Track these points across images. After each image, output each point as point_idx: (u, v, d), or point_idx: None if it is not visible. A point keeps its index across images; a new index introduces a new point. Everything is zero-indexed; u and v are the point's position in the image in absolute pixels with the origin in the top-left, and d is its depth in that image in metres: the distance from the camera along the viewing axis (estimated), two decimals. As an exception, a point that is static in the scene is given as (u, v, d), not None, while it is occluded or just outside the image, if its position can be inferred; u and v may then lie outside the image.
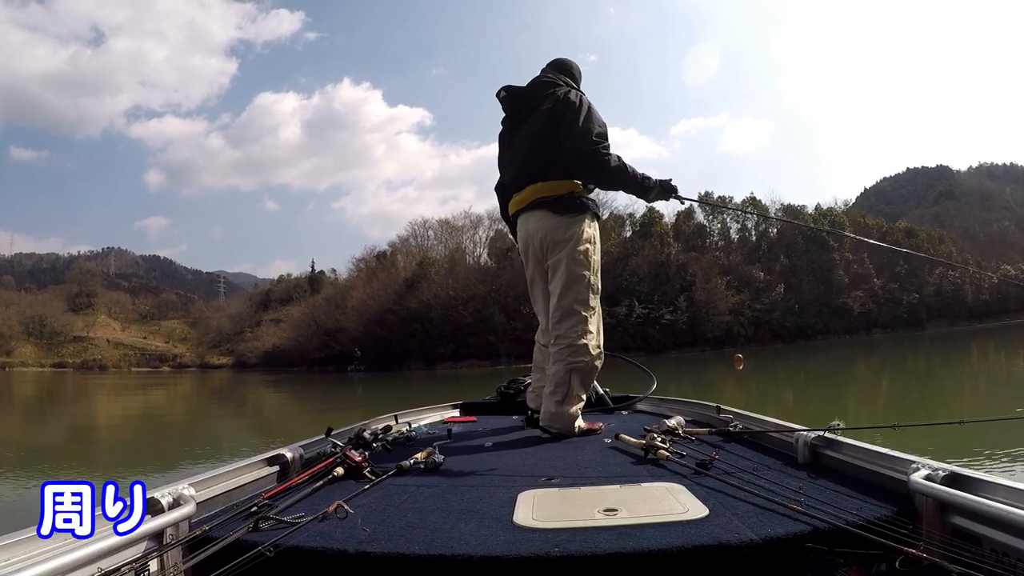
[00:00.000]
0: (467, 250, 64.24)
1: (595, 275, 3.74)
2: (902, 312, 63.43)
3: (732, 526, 1.79)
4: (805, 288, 59.79)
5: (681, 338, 54.14)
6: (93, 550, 1.55)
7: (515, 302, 53.71)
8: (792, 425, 2.83)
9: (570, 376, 3.60)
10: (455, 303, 54.76)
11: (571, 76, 3.98)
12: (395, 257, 65.35)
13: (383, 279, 60.70)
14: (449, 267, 59.92)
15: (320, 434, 3.15)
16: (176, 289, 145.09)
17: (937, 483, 1.81)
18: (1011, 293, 74.71)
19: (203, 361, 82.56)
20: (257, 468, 2.56)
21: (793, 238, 62.09)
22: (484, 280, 56.93)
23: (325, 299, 68.83)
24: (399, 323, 55.19)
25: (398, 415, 4.24)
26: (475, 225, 65.14)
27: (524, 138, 3.84)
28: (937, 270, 68.37)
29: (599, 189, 3.92)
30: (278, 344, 70.01)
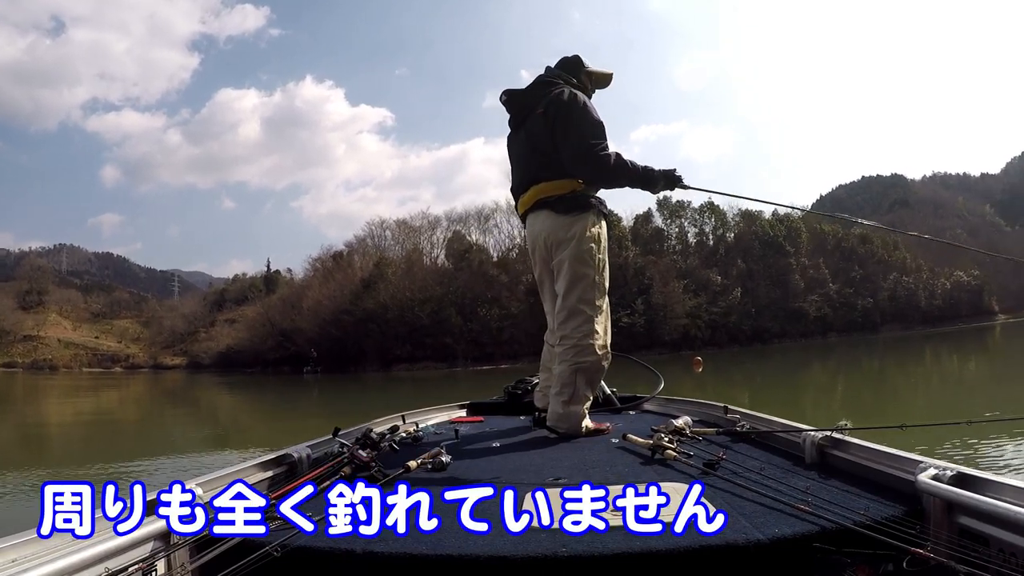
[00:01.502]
0: (424, 251, 63.82)
1: (601, 274, 3.69)
2: (857, 316, 64.56)
3: (739, 526, 1.80)
4: (762, 292, 60.41)
5: (638, 341, 53.77)
6: (100, 550, 1.55)
7: (472, 304, 53.91)
8: (799, 425, 2.83)
9: (576, 376, 3.57)
10: (412, 304, 54.23)
11: (573, 73, 3.88)
12: (352, 257, 64.70)
13: (339, 279, 60.05)
14: (406, 268, 59.39)
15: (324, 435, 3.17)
16: (129, 288, 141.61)
17: (944, 483, 1.80)
18: (963, 299, 76.71)
19: (156, 362, 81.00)
20: (265, 468, 2.55)
21: (750, 243, 62.74)
22: (441, 282, 56.52)
23: (280, 299, 67.98)
24: (355, 324, 54.62)
25: (405, 415, 4.28)
26: (433, 226, 64.91)
27: (524, 141, 3.84)
28: (891, 275, 69.59)
29: (603, 188, 3.81)
30: (232, 345, 69.05)
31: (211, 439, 15.93)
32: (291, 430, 17.02)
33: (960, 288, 77.51)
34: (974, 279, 79.86)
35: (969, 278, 79.33)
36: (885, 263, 71.48)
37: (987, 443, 8.07)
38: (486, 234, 64.10)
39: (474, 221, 64.39)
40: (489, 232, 64.05)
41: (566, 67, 3.91)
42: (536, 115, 3.71)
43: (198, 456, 12.07)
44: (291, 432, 16.38)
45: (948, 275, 77.82)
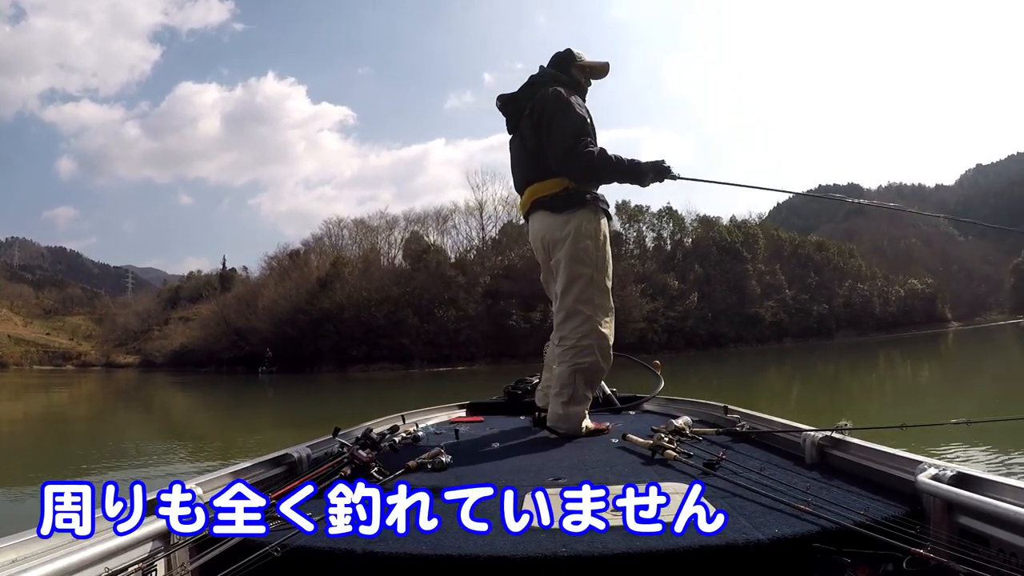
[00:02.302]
0: (382, 251, 63.38)
1: (600, 271, 3.61)
2: (812, 322, 65.47)
3: (739, 526, 1.79)
4: (718, 297, 60.89)
5: (596, 344, 54.19)
6: (100, 550, 1.54)
7: (429, 305, 53.48)
8: (799, 425, 2.81)
9: (575, 377, 3.53)
10: (368, 304, 53.74)
11: (563, 69, 3.86)
12: (308, 256, 64.02)
13: (296, 278, 59.29)
14: (363, 268, 58.86)
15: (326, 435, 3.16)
16: (82, 284, 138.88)
17: (944, 483, 1.79)
18: (917, 306, 78.26)
19: (108, 360, 79.83)
20: (264, 468, 2.53)
21: (708, 248, 63.23)
22: (398, 282, 56.04)
23: (236, 298, 67.06)
24: (311, 323, 53.99)
25: (405, 415, 4.26)
26: (391, 226, 64.46)
27: (518, 144, 3.86)
28: (847, 282, 70.64)
29: (591, 185, 3.74)
30: (186, 343, 67.96)
31: (162, 443, 15.34)
32: (247, 429, 16.65)
33: (914, 296, 79.16)
34: (928, 287, 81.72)
35: (923, 286, 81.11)
36: (841, 270, 72.65)
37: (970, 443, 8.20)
38: (444, 235, 64.03)
39: (432, 222, 64.26)
40: (447, 233, 63.99)
41: (557, 64, 3.89)
42: (524, 117, 3.73)
43: (143, 468, 11.53)
44: (247, 432, 16.24)
45: (902, 283, 79.49)
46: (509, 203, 62.79)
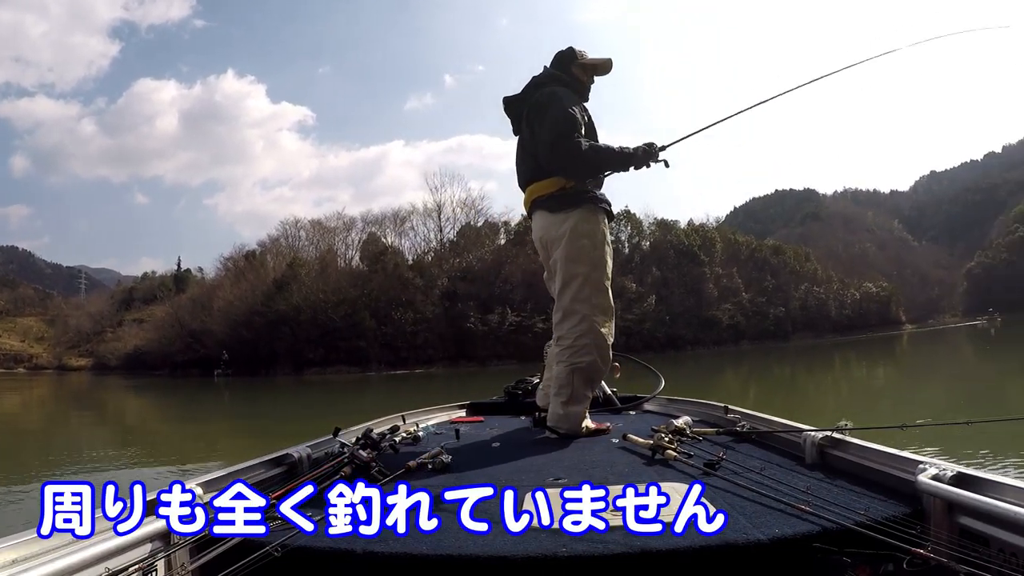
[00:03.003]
0: (339, 252, 63.05)
1: (597, 270, 3.61)
2: (769, 325, 66.18)
3: (740, 526, 1.78)
4: (676, 300, 61.25)
5: (554, 346, 54.27)
6: (100, 550, 1.54)
7: (386, 307, 53.12)
8: (800, 425, 2.80)
9: (573, 377, 3.51)
10: (325, 306, 53.32)
11: (563, 68, 3.84)
12: (264, 257, 63.35)
13: (251, 279, 58.67)
14: (320, 269, 58.40)
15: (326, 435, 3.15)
16: (34, 284, 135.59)
17: (944, 483, 1.78)
18: (872, 309, 79.75)
19: (61, 362, 78.57)
20: (265, 468, 2.53)
21: (665, 252, 63.72)
22: (355, 284, 55.73)
23: (191, 299, 66.15)
24: (267, 325, 53.42)
25: (405, 415, 4.24)
26: (348, 227, 64.13)
27: (518, 145, 3.86)
28: (803, 286, 71.57)
29: (584, 179, 3.67)
30: (140, 346, 66.91)
31: (116, 450, 14.88)
32: (202, 436, 16.26)
33: (869, 299, 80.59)
34: (882, 290, 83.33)
35: (878, 289, 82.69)
36: (797, 274, 73.63)
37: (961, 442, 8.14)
38: (402, 237, 63.80)
39: (390, 223, 63.99)
40: (405, 235, 63.79)
41: (557, 63, 3.87)
42: (524, 118, 3.75)
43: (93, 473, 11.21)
44: (205, 439, 15.84)
45: (858, 286, 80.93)
46: (467, 205, 63.02)
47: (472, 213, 63.58)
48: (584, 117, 3.62)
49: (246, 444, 13.10)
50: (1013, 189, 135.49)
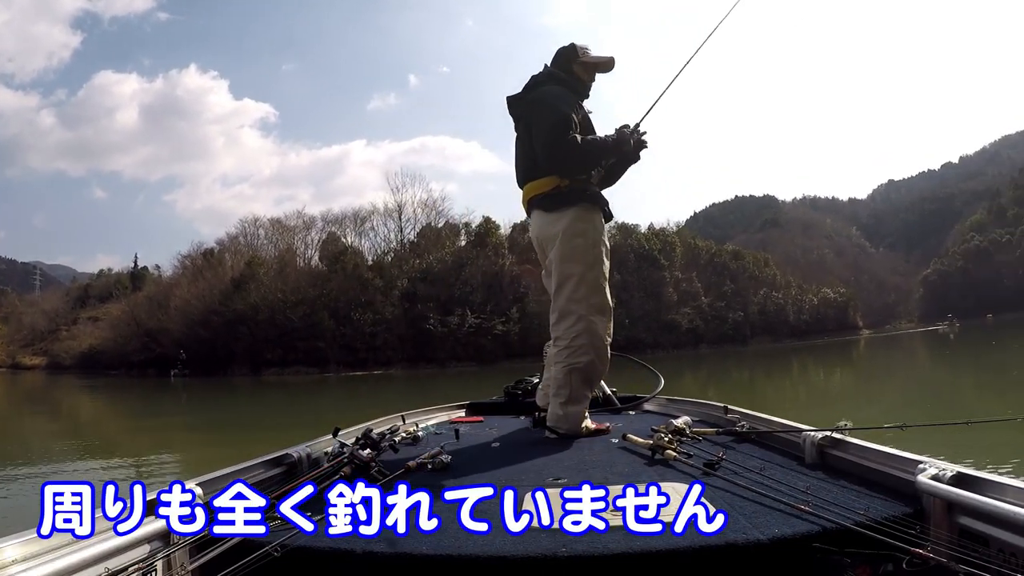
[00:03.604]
0: (298, 252, 62.58)
1: (593, 269, 3.57)
2: (728, 329, 66.79)
3: (740, 526, 1.79)
4: (636, 304, 61.40)
5: (513, 349, 54.03)
6: (100, 550, 1.54)
7: (345, 308, 52.83)
8: (799, 425, 2.79)
9: (570, 377, 3.50)
10: (283, 306, 52.87)
11: (563, 66, 3.81)
12: (223, 255, 62.60)
13: (209, 278, 58.01)
14: (279, 268, 57.91)
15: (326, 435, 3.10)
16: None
17: (944, 483, 1.78)
18: (830, 314, 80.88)
19: (14, 361, 77.55)
20: (264, 468, 2.52)
21: (625, 255, 63.81)
22: (314, 284, 55.29)
23: (147, 297, 65.36)
24: (224, 325, 52.92)
25: (405, 415, 4.26)
26: (308, 226, 63.68)
27: (517, 142, 3.85)
28: (762, 290, 72.38)
29: (581, 174, 3.65)
30: (96, 345, 66.33)
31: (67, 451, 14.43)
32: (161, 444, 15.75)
33: (827, 304, 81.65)
34: (840, 296, 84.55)
35: (835, 295, 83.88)
36: (756, 279, 74.38)
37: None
38: (362, 237, 63.57)
39: (350, 223, 63.73)
40: (365, 235, 63.56)
41: (557, 61, 3.85)
42: (520, 117, 3.76)
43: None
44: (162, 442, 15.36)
45: (816, 292, 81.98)
46: (428, 206, 62.90)
47: (433, 214, 63.61)
48: (579, 115, 3.60)
49: (211, 452, 12.68)
50: (969, 199, 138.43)
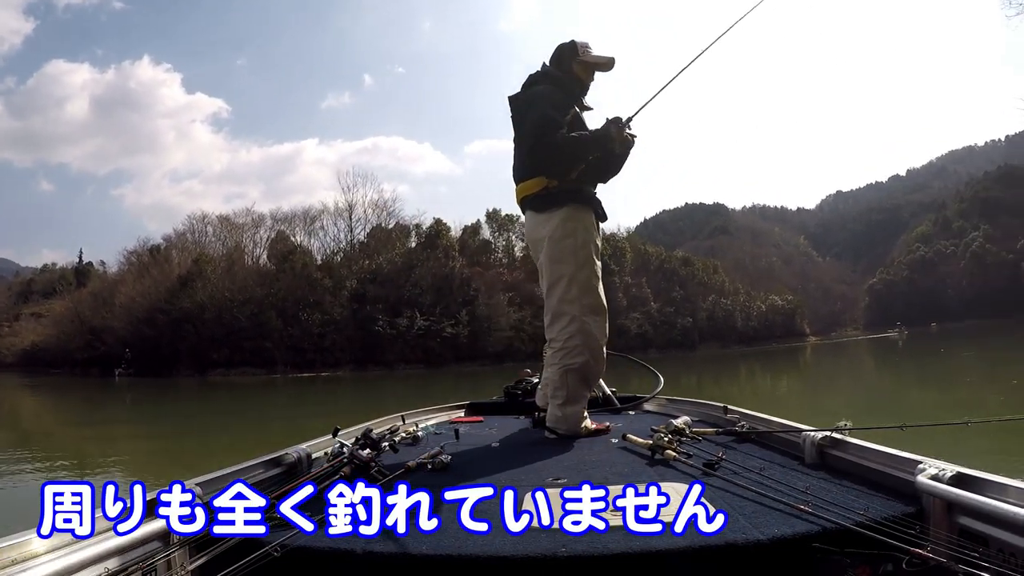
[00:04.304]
0: (247, 250, 61.86)
1: (584, 269, 3.53)
2: (676, 334, 67.71)
3: (739, 526, 1.78)
4: (586, 308, 61.53)
5: (461, 352, 54.56)
6: (100, 550, 1.53)
7: (294, 308, 52.37)
8: (799, 425, 2.78)
9: (566, 378, 3.47)
10: (231, 305, 52.31)
11: (560, 64, 3.77)
12: (170, 252, 61.70)
13: (155, 275, 57.05)
14: (226, 267, 57.24)
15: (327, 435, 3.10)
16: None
17: (944, 483, 1.78)
18: (777, 321, 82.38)
19: (-46, 357, 74.47)
20: (264, 468, 2.51)
21: (576, 259, 64.24)
22: (263, 283, 54.77)
23: (92, 294, 64.23)
24: (170, 324, 52.08)
25: (405, 415, 4.24)
26: (257, 224, 63.05)
27: (514, 142, 3.77)
28: (711, 297, 73.42)
29: (567, 172, 3.59)
30: (38, 342, 65.01)
31: None
32: None
33: (775, 311, 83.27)
34: (788, 303, 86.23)
35: (783, 302, 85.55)
36: (705, 285, 75.62)
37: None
38: (312, 236, 63.16)
39: (300, 222, 63.24)
40: (315, 234, 63.18)
41: (555, 59, 3.81)
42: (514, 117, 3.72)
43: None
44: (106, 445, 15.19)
45: (764, 299, 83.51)
46: (379, 206, 62.76)
47: (384, 215, 63.50)
48: (568, 115, 3.55)
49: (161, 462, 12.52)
50: (915, 210, 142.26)
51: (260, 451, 2.96)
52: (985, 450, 8.26)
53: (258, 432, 15.72)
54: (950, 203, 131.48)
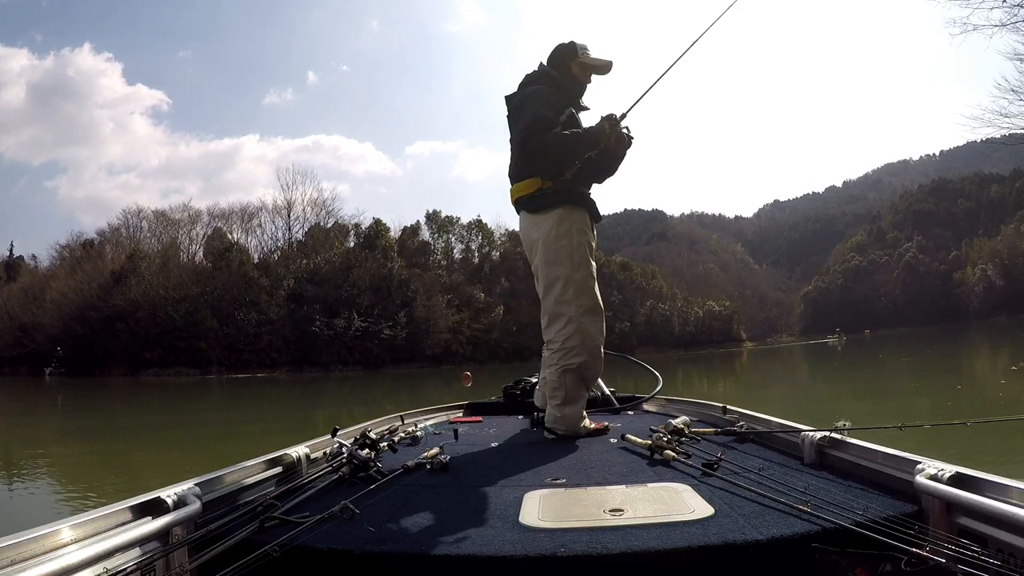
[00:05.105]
0: (182, 247, 61.06)
1: (580, 270, 3.51)
2: (614, 339, 67.50)
3: (738, 526, 1.77)
4: (524, 311, 61.82)
5: (399, 354, 54.65)
6: (99, 550, 1.50)
7: (229, 307, 51.84)
8: (798, 425, 2.76)
9: (564, 378, 3.46)
10: (165, 303, 51.42)
11: (558, 65, 3.76)
12: (104, 247, 60.39)
13: (88, 271, 55.73)
14: (161, 263, 56.22)
15: None
16: None
17: (943, 483, 1.77)
18: (715, 326, 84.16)
19: None
20: (263, 468, 2.47)
21: (515, 263, 64.72)
22: (198, 280, 54.05)
23: (22, 289, 61.94)
24: (103, 322, 51.02)
25: (404, 415, 4.19)
26: (193, 220, 62.25)
27: (510, 142, 3.75)
28: (648, 302, 74.50)
29: (562, 170, 3.61)
30: (-37, 339, 62.20)
31: None
32: None
33: (712, 317, 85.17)
34: (724, 309, 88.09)
35: (720, 308, 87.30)
36: (643, 290, 77.08)
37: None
38: (249, 234, 62.65)
39: (238, 219, 62.67)
40: (252, 232, 62.68)
41: (553, 59, 3.80)
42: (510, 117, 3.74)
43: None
44: None
45: (701, 304, 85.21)
46: (318, 205, 62.56)
47: (322, 213, 63.36)
48: (563, 116, 3.53)
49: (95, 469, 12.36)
50: (851, 221, 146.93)
51: (196, 455, 3.14)
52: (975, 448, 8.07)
53: (195, 435, 14.92)
54: (885, 214, 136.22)
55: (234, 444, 12.84)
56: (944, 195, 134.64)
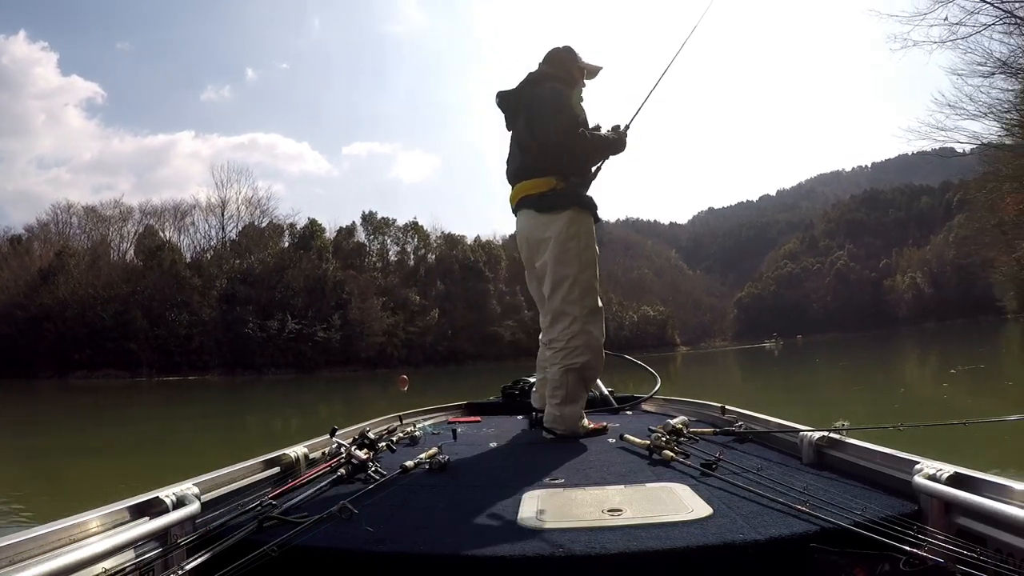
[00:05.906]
0: (113, 244, 59.89)
1: (586, 271, 3.54)
2: (545, 343, 68.76)
3: (737, 526, 1.77)
4: (459, 314, 63.21)
5: (333, 356, 54.65)
6: (97, 550, 1.49)
7: (160, 307, 51.13)
8: (797, 425, 2.75)
9: (566, 377, 3.49)
10: (94, 303, 50.68)
11: (561, 67, 3.83)
12: (31, 244, 58.81)
13: (14, 268, 54.38)
14: (91, 261, 55.16)
15: None
16: None
17: (942, 483, 1.77)
18: (650, 331, 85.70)
19: None
20: (262, 468, 2.47)
21: (450, 266, 65.39)
22: (128, 279, 53.27)
23: (-57, 287, 59.98)
24: (29, 321, 49.95)
25: (403, 416, 4.15)
26: (124, 217, 60.91)
27: (512, 140, 3.80)
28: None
29: (585, 169, 3.75)
30: None
31: None
32: None
33: (647, 321, 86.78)
34: (659, 314, 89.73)
35: (655, 313, 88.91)
36: (578, 294, 77.27)
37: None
38: (181, 232, 61.70)
39: (170, 217, 61.62)
40: (185, 231, 61.74)
41: (554, 62, 3.85)
42: (520, 114, 3.71)
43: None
44: None
45: (636, 309, 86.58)
46: (253, 204, 61.59)
47: (257, 213, 62.59)
48: (583, 116, 3.63)
49: None
50: (784, 229, 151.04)
51: (127, 460, 3.20)
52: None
53: (124, 440, 14.61)
54: (817, 223, 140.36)
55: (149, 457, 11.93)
56: (875, 205, 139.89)
